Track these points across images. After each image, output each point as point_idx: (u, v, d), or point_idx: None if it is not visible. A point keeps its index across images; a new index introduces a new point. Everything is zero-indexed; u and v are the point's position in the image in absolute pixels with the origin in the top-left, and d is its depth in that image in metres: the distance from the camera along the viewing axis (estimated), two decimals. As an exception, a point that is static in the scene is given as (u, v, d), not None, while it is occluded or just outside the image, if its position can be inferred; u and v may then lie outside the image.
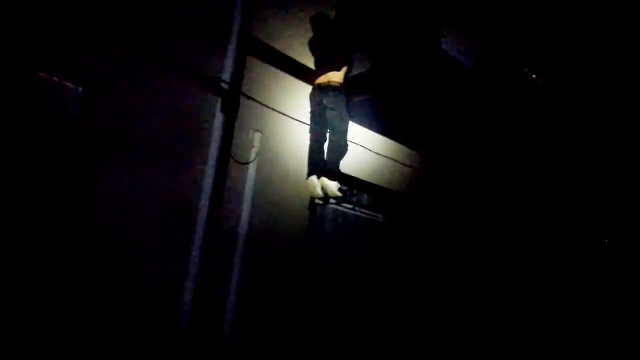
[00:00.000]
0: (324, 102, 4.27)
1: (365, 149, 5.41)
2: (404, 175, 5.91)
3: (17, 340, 3.02)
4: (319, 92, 4.34)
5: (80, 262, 3.30)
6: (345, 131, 4.29)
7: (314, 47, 4.57)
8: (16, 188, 3.14)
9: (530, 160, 7.20)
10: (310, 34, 4.69)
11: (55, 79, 3.35)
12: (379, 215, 5.72)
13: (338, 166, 4.31)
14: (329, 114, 4.25)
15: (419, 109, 5.08)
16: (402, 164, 5.88)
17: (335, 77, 4.28)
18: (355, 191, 5.35)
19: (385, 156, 5.67)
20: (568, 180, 7.41)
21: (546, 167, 7.33)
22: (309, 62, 4.71)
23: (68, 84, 3.38)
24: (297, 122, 4.72)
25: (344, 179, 4.90)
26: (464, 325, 6.27)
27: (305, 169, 4.49)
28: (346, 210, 5.32)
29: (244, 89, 4.35)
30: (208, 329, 3.88)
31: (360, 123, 5.29)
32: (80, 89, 3.43)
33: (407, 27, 4.62)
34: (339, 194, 4.34)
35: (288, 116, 4.68)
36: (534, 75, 6.64)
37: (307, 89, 4.58)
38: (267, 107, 4.52)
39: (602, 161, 7.37)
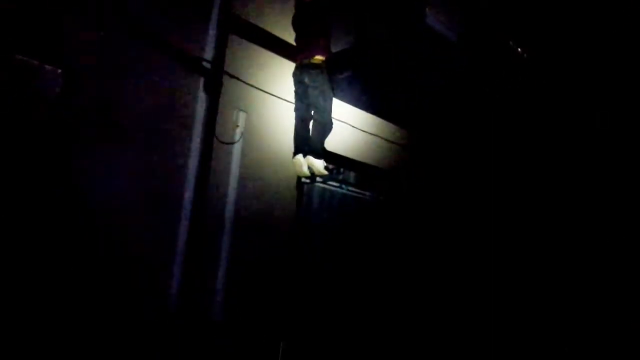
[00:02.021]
0: (306, 80, 4.24)
1: (351, 126, 5.41)
2: (391, 152, 5.93)
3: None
4: (301, 71, 4.31)
5: (66, 242, 3.31)
6: (329, 109, 4.28)
7: (297, 24, 4.51)
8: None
9: (523, 138, 7.24)
10: (293, 10, 4.62)
11: (35, 62, 3.30)
12: (367, 193, 5.75)
13: (323, 144, 4.31)
14: (312, 92, 4.23)
15: (404, 85, 5.07)
16: (389, 141, 5.89)
17: (317, 54, 4.24)
18: (342, 169, 5.36)
19: (371, 134, 5.67)
20: (560, 162, 7.45)
21: (537, 148, 7.37)
22: (293, 39, 4.66)
23: (47, 66, 3.34)
24: (283, 100, 4.70)
25: (331, 157, 4.92)
26: (456, 305, 6.37)
27: (291, 147, 4.49)
28: (333, 188, 5.34)
29: (227, 68, 4.31)
30: (197, 308, 3.93)
31: (346, 100, 5.27)
32: (59, 71, 3.38)
33: (391, 3, 4.58)
34: (325, 172, 4.36)
35: (273, 95, 4.66)
36: (519, 49, 6.63)
37: (292, 66, 4.54)
38: (251, 86, 4.49)
39: (602, 155, 7.40)
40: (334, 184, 5.35)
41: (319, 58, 4.22)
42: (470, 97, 6.06)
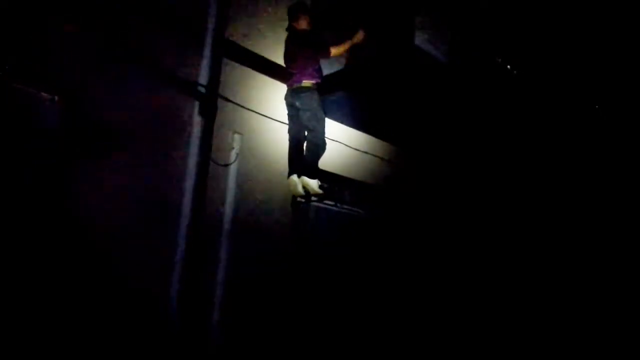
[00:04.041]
0: (297, 104, 4.34)
1: (345, 145, 5.49)
2: (384, 169, 6.00)
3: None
4: (292, 94, 4.40)
5: (66, 261, 3.35)
6: (322, 130, 4.36)
7: (288, 48, 4.60)
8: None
9: (514, 151, 7.34)
10: (285, 35, 4.72)
11: (32, 90, 3.35)
12: (361, 211, 5.79)
13: (317, 164, 4.38)
14: (303, 115, 4.32)
15: (395, 104, 5.16)
16: (381, 158, 5.96)
17: (307, 79, 4.33)
18: (336, 188, 5.42)
19: (364, 152, 5.75)
20: (561, 175, 7.55)
21: (533, 160, 7.46)
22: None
23: (44, 94, 3.39)
24: (277, 122, 4.78)
25: (325, 176, 4.98)
26: (453, 320, 6.39)
27: (286, 168, 4.55)
28: (328, 207, 5.39)
29: (222, 91, 4.38)
30: (195, 328, 3.95)
31: (339, 120, 5.36)
32: (56, 98, 3.44)
33: (380, 25, 4.68)
34: (320, 191, 4.42)
35: (267, 117, 4.74)
36: (508, 66, 6.75)
37: (285, 88, 4.62)
38: (246, 108, 4.57)
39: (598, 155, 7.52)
40: (329, 202, 5.40)
41: (308, 82, 4.31)
42: (461, 113, 6.15)
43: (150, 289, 3.79)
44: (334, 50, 4.44)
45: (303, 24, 4.51)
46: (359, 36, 4.51)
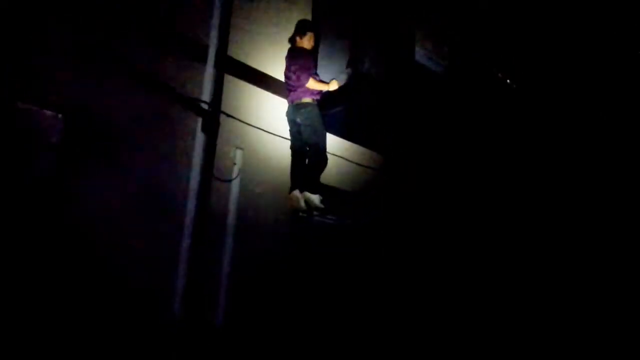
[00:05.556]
0: (298, 120, 4.38)
1: (346, 160, 5.51)
2: (385, 182, 6.01)
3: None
4: (293, 111, 4.44)
5: (75, 263, 3.44)
6: (324, 145, 4.39)
7: (288, 63, 4.63)
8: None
9: (513, 158, 7.37)
10: (285, 51, 4.76)
11: (36, 108, 3.39)
12: (363, 223, 5.79)
13: (319, 179, 4.41)
14: (304, 130, 4.36)
15: (395, 117, 5.19)
16: (381, 170, 5.97)
17: (307, 96, 4.37)
18: (338, 202, 5.43)
19: (365, 166, 5.77)
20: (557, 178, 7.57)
21: (529, 168, 7.50)
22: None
23: (47, 112, 3.43)
24: (278, 137, 4.81)
25: (326, 190, 4.99)
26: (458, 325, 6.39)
27: (287, 182, 4.57)
28: (330, 221, 5.40)
29: (224, 107, 4.43)
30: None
31: (339, 134, 5.38)
32: (60, 116, 3.48)
33: (381, 42, 4.74)
34: (322, 205, 4.43)
35: (269, 132, 4.77)
36: (508, 80, 6.81)
37: (286, 103, 4.67)
38: (248, 124, 4.60)
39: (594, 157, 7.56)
40: (331, 217, 5.41)
41: (308, 98, 4.36)
42: (460, 124, 6.19)
43: (155, 293, 3.85)
44: (312, 83, 4.36)
45: (304, 42, 4.56)
46: (333, 86, 4.47)
